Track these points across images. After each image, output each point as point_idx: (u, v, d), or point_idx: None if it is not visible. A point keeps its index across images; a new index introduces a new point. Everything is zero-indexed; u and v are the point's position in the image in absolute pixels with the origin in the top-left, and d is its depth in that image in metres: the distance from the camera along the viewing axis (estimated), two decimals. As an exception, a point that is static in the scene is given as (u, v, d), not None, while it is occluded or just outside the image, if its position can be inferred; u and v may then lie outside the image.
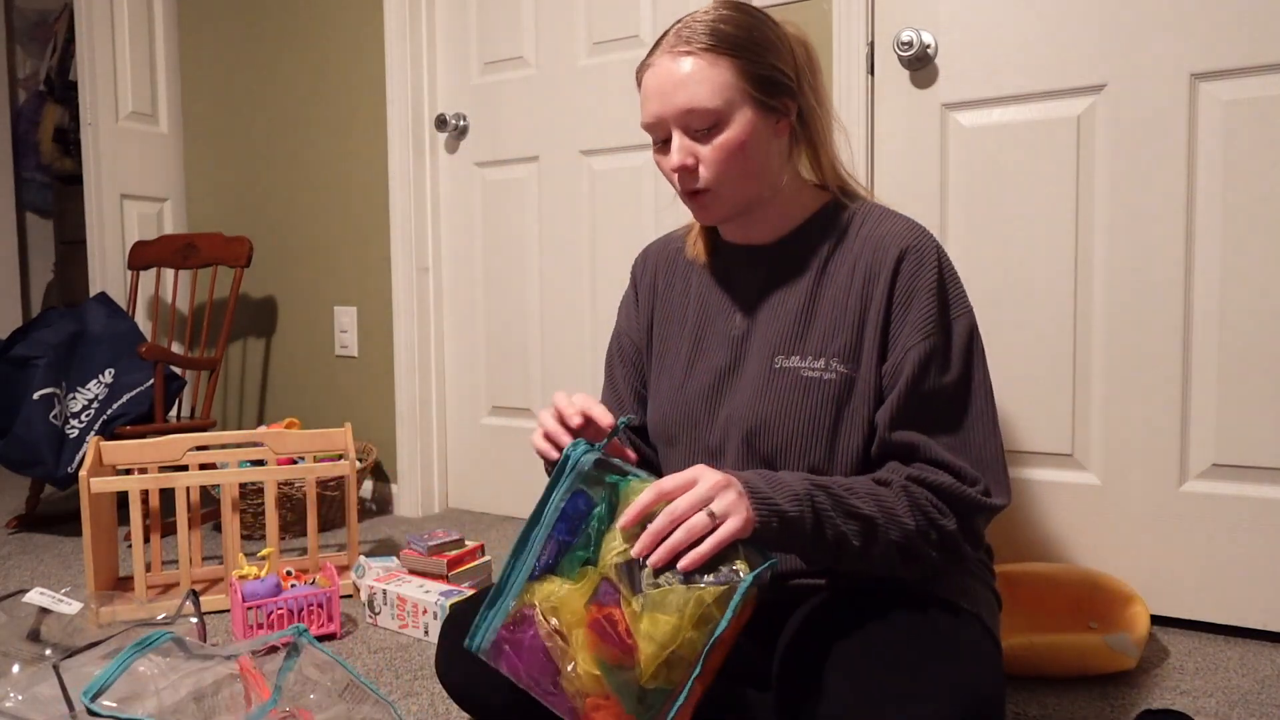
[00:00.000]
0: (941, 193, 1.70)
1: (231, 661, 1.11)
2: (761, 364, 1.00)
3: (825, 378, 0.96)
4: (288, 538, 2.23)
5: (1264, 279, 1.45)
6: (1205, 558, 1.52)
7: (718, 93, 0.93)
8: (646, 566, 0.79)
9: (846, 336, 0.97)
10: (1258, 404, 1.47)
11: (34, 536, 2.24)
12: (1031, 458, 1.66)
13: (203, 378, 2.75)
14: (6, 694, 1.09)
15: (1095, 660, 1.31)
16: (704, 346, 1.06)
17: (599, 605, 0.80)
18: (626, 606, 0.78)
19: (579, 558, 0.83)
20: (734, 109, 0.94)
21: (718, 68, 0.93)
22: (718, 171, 0.95)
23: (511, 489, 2.37)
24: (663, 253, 1.17)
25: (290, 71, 2.64)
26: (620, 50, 2.11)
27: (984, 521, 0.93)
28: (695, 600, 0.76)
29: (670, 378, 1.08)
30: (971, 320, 0.97)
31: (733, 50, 0.93)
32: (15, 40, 3.70)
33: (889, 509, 0.87)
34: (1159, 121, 1.51)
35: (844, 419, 0.96)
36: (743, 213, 1.00)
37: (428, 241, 2.42)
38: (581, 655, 0.79)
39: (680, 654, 0.76)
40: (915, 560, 0.90)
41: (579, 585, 0.81)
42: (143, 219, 2.82)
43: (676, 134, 0.95)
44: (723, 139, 0.94)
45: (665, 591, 0.77)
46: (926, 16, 1.69)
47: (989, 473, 0.93)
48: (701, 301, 1.09)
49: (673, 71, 0.94)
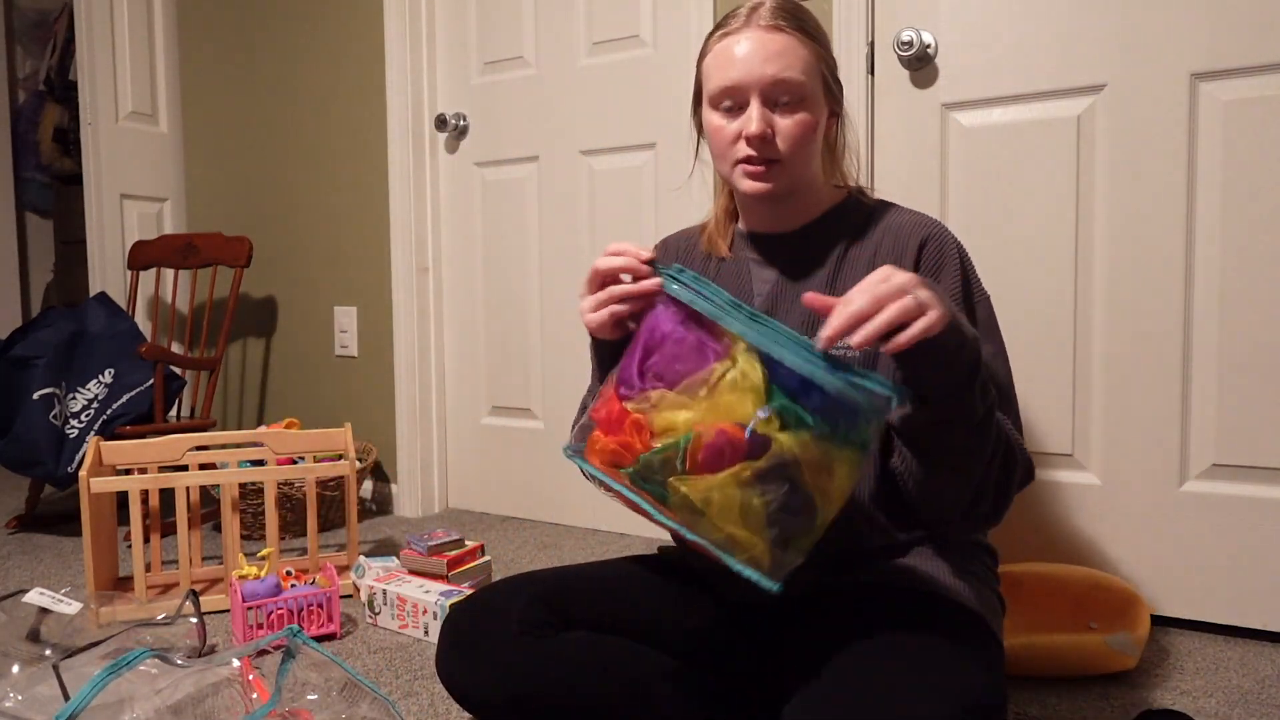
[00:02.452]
0: (942, 193, 1.70)
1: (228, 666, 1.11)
2: None
3: (850, 355, 0.97)
4: (288, 538, 2.23)
5: (1264, 279, 1.45)
6: (1205, 558, 1.52)
7: (806, 70, 0.99)
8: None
9: None
10: (1258, 404, 1.47)
11: (34, 536, 2.24)
12: (1031, 457, 1.66)
13: (203, 378, 2.75)
14: (6, 694, 1.09)
15: (1095, 660, 1.31)
16: None
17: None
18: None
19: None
20: (815, 89, 1.00)
21: (806, 49, 0.99)
22: (792, 146, 0.99)
23: (511, 489, 2.37)
24: (680, 244, 1.19)
25: (290, 72, 2.63)
26: (620, 50, 2.11)
27: (1021, 486, 0.93)
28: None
29: None
30: (991, 306, 1.01)
31: (814, 38, 1.00)
32: (15, 40, 3.70)
33: (1001, 422, 0.88)
34: (1159, 121, 1.51)
35: None
36: (790, 193, 1.03)
37: (428, 241, 2.42)
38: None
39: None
40: (989, 483, 0.88)
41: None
42: (143, 219, 2.82)
43: (756, 103, 0.99)
44: (802, 115, 0.99)
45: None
46: (926, 16, 1.69)
47: (1023, 449, 0.95)
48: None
49: (765, 41, 0.98)
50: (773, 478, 0.76)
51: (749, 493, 0.76)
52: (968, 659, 0.84)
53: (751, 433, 0.76)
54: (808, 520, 0.77)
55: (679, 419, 0.77)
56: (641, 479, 0.80)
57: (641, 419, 0.79)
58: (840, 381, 0.74)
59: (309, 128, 2.61)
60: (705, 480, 0.77)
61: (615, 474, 0.81)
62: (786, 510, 0.76)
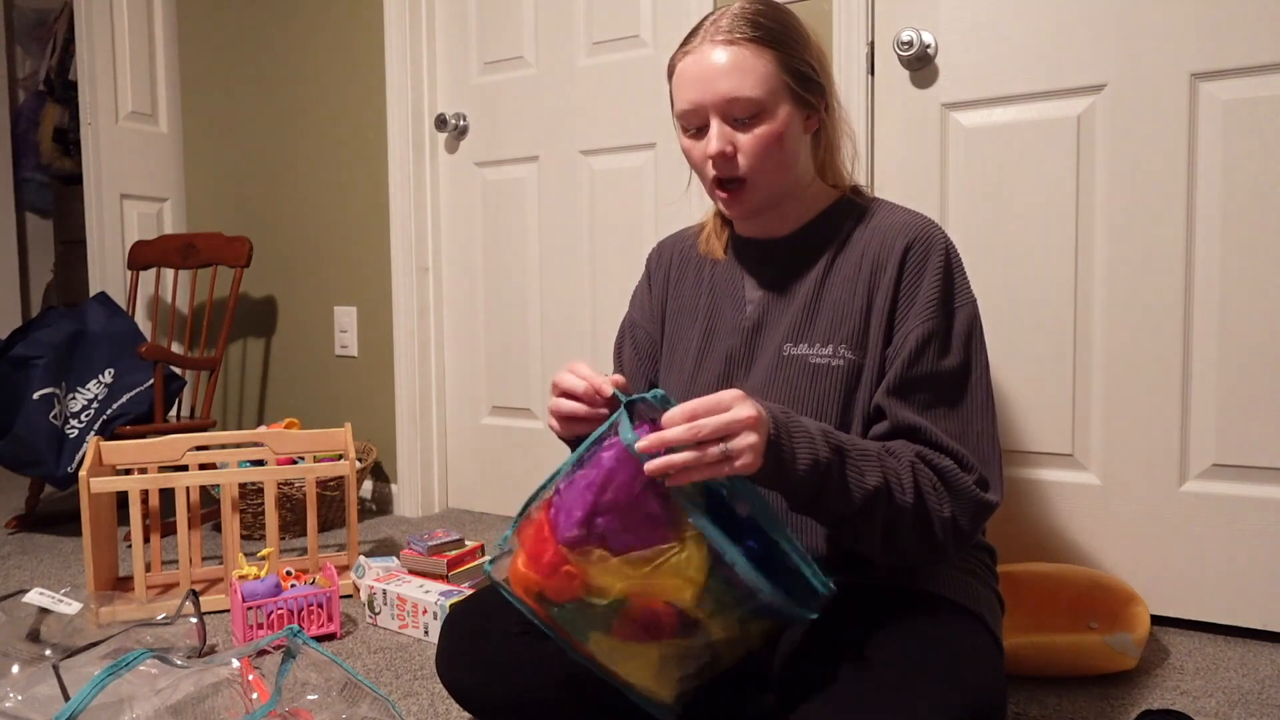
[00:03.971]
0: (942, 193, 1.70)
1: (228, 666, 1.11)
2: (771, 353, 1.01)
3: (833, 364, 0.97)
4: (287, 538, 2.23)
5: (1264, 279, 1.45)
6: (1205, 558, 1.52)
7: (761, 83, 0.94)
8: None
9: (854, 324, 0.98)
10: (1258, 404, 1.47)
11: (34, 536, 2.24)
12: (1031, 458, 1.66)
13: (203, 378, 2.75)
14: (6, 694, 1.09)
15: (1095, 660, 1.31)
16: (715, 338, 1.07)
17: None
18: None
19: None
20: (775, 101, 0.95)
21: (761, 58, 0.94)
22: (755, 162, 0.96)
23: (511, 489, 2.37)
24: (677, 247, 1.18)
25: (290, 71, 2.63)
26: (620, 50, 2.11)
27: (975, 518, 0.91)
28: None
29: (681, 369, 1.09)
30: (974, 312, 0.98)
31: (774, 43, 0.95)
32: (15, 40, 3.70)
33: (895, 480, 0.86)
34: (1159, 121, 1.51)
35: (852, 406, 0.96)
36: (770, 206, 1.01)
37: (428, 241, 2.42)
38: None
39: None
40: (897, 544, 0.88)
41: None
42: (143, 219, 2.82)
43: (715, 122, 0.96)
44: (762, 129, 0.95)
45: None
46: (926, 16, 1.69)
47: (986, 466, 0.92)
48: (713, 295, 1.10)
49: (716, 59, 0.94)
50: (694, 653, 0.80)
51: (668, 662, 0.80)
52: (968, 659, 0.84)
53: (682, 614, 0.79)
54: (715, 669, 0.83)
55: (615, 586, 0.78)
56: (564, 621, 0.81)
57: (576, 571, 0.79)
58: (779, 598, 0.78)
59: (309, 128, 2.61)
60: (628, 645, 0.80)
61: (538, 607, 0.83)
62: (699, 672, 0.82)
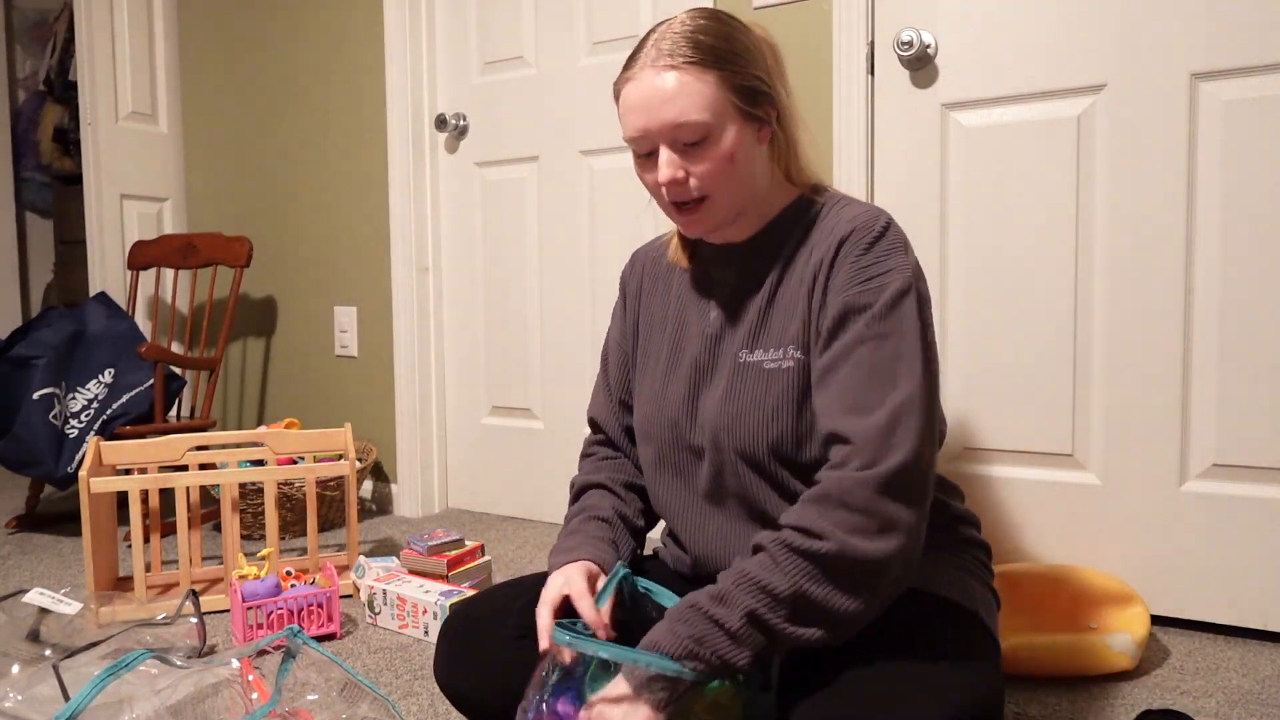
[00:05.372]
0: (942, 193, 1.70)
1: (227, 666, 1.11)
2: (730, 362, 1.01)
3: (784, 366, 0.96)
4: (287, 538, 2.23)
5: (1264, 279, 1.45)
6: (1205, 558, 1.52)
7: (706, 106, 0.91)
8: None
9: (800, 323, 0.96)
10: (1258, 404, 1.47)
11: (34, 536, 2.24)
12: (1031, 458, 1.66)
13: (203, 378, 2.75)
14: (6, 694, 1.09)
15: (1095, 660, 1.32)
16: (682, 347, 1.07)
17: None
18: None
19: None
20: (722, 122, 0.93)
21: (703, 81, 0.92)
22: (708, 184, 0.94)
23: (511, 489, 2.37)
24: (649, 255, 1.17)
25: (290, 71, 2.64)
26: (620, 50, 2.11)
27: (862, 567, 0.81)
28: None
29: (652, 379, 1.09)
30: (907, 283, 0.90)
31: (716, 63, 0.92)
32: (15, 40, 3.70)
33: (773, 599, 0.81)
34: (1159, 121, 1.51)
35: (805, 407, 0.95)
36: (730, 219, 1.00)
37: (428, 241, 2.42)
38: None
39: None
40: (836, 620, 0.82)
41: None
42: (143, 219, 2.82)
43: (664, 149, 0.94)
44: (712, 152, 0.93)
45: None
46: (926, 16, 1.69)
47: (890, 441, 0.83)
48: (680, 303, 1.10)
49: (658, 86, 0.92)
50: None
51: None
52: (965, 657, 0.84)
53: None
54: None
55: None
56: None
57: None
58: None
59: (309, 127, 2.61)
60: None
61: None
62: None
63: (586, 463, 1.18)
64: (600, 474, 1.13)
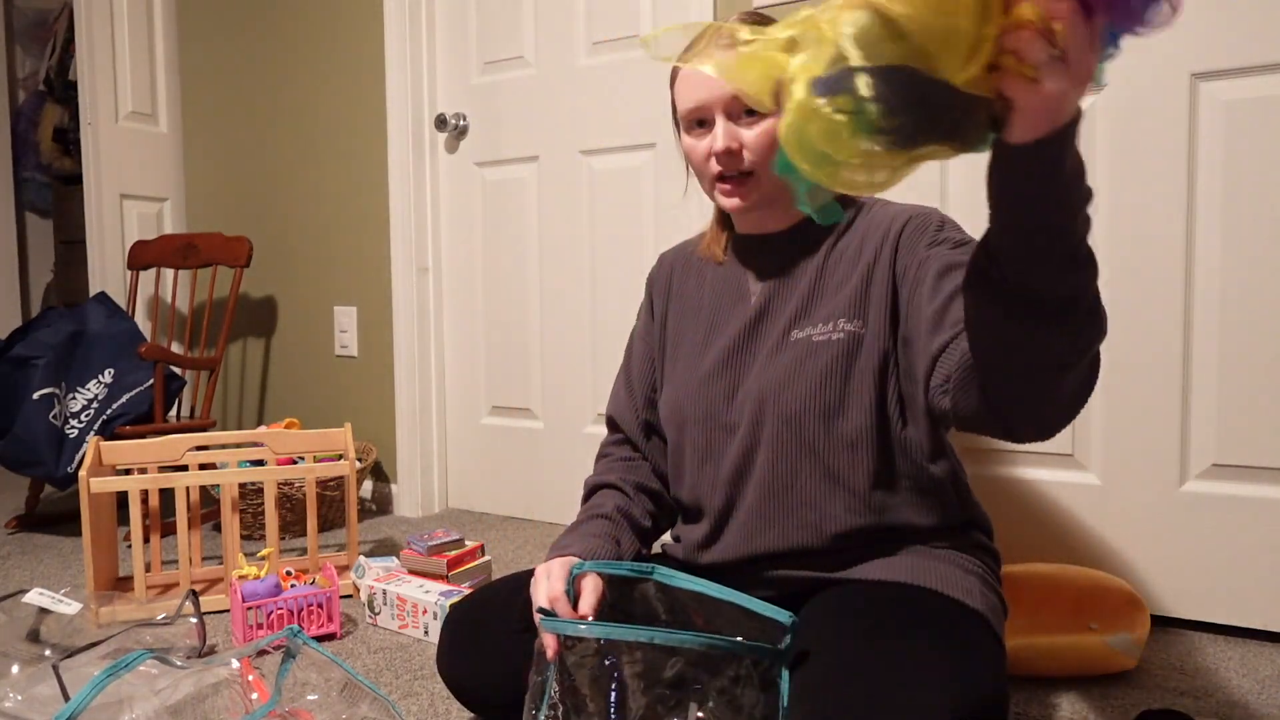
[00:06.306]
0: (942, 193, 1.70)
1: (227, 666, 1.11)
2: (776, 338, 1.04)
3: (833, 338, 1.00)
4: (287, 538, 2.23)
5: (1264, 279, 1.45)
6: (1205, 558, 1.52)
7: None
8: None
9: (852, 294, 1.01)
10: (1258, 404, 1.47)
11: (34, 536, 2.24)
12: (1031, 457, 1.66)
13: (202, 378, 2.75)
14: (6, 694, 1.09)
15: (1095, 660, 1.31)
16: (719, 331, 1.10)
17: None
18: None
19: None
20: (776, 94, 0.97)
21: None
22: (758, 156, 0.99)
23: (511, 489, 2.37)
24: (679, 254, 1.22)
25: (290, 71, 2.63)
26: (620, 50, 2.11)
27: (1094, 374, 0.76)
28: None
29: (686, 363, 1.12)
30: (965, 234, 1.00)
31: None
32: (15, 40, 3.70)
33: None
34: (1159, 121, 1.51)
35: (854, 375, 0.99)
36: (771, 201, 1.04)
37: (428, 241, 2.42)
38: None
39: None
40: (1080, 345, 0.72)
41: None
42: (143, 219, 2.82)
43: (721, 119, 0.99)
44: (767, 124, 0.98)
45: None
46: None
47: None
48: (716, 291, 1.13)
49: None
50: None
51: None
52: (971, 655, 0.84)
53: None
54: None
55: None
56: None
57: None
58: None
59: (309, 127, 2.61)
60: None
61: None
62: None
63: (601, 464, 1.20)
64: (612, 474, 1.15)
